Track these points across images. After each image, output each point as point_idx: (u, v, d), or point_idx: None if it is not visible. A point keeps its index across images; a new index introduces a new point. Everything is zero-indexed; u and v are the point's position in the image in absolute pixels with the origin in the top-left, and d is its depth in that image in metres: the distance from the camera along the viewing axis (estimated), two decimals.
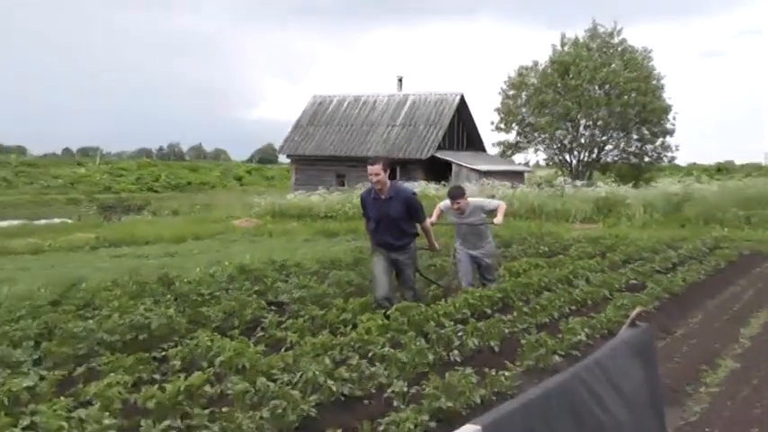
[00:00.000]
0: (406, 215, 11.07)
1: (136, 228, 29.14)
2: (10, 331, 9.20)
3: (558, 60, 58.92)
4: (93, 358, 8.46)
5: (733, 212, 29.69)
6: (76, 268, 15.90)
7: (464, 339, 9.46)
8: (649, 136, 59.44)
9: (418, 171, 49.86)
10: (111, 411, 6.38)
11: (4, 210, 38.74)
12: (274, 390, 7.03)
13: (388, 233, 11.12)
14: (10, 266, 17.91)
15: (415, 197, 11.31)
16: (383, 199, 10.97)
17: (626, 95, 56.39)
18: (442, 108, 54.75)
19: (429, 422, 6.63)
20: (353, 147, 54.01)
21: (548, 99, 57.81)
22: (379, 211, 11.06)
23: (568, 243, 22.43)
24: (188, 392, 6.96)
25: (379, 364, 8.21)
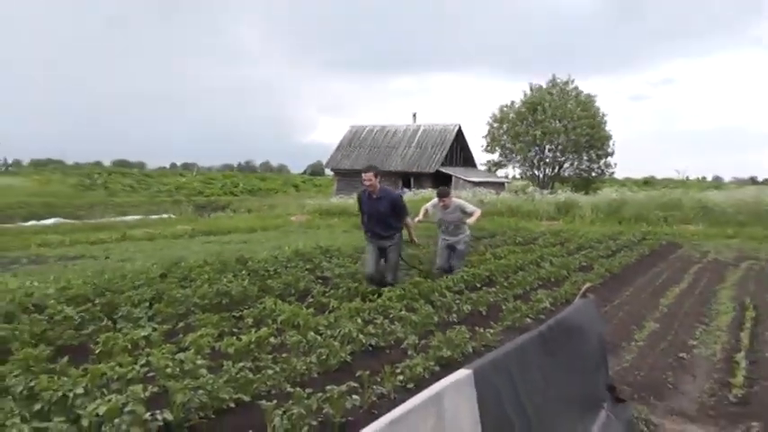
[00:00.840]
0: (392, 212, 10.55)
1: (220, 222, 29.23)
2: (132, 295, 9.24)
3: (528, 101, 58.82)
4: (189, 316, 8.49)
5: (655, 214, 29.57)
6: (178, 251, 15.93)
7: (460, 306, 9.45)
8: (595, 157, 59.28)
9: (427, 181, 49.87)
10: (202, 355, 6.42)
11: (128, 208, 38.80)
12: (320, 341, 7.05)
13: (377, 226, 10.62)
14: (132, 249, 17.97)
15: (401, 198, 10.77)
16: (374, 198, 10.46)
17: (578, 128, 56.29)
18: (445, 135, 54.76)
19: (434, 366, 6.63)
20: (379, 163, 53.85)
21: (521, 130, 57.81)
22: (371, 208, 10.56)
23: (537, 235, 22.31)
24: (257, 342, 6.99)
25: (397, 323, 8.23)
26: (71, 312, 7.98)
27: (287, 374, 6.21)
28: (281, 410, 5.00)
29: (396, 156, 54.36)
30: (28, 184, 53.94)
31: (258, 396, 5.68)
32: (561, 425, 4.95)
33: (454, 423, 3.52)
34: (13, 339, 6.99)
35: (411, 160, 53.42)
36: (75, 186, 54.92)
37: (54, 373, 5.65)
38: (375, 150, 55.78)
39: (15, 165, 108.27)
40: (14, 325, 7.32)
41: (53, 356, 6.33)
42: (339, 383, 5.46)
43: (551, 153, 59.53)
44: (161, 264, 12.49)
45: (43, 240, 19.76)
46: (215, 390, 5.38)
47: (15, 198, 39.69)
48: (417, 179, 51.04)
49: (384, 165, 53.42)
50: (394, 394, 5.93)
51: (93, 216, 32.84)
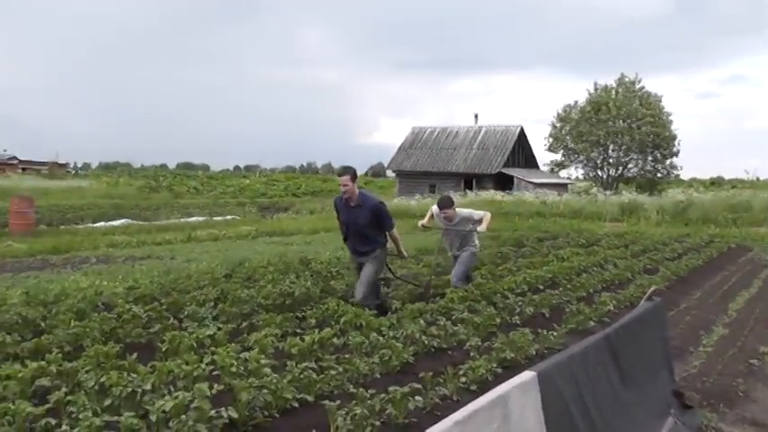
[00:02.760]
0: (373, 223, 8.98)
1: (283, 223, 29.46)
2: (197, 295, 9.40)
3: (592, 101, 58.11)
4: (253, 316, 8.58)
5: (723, 216, 29.02)
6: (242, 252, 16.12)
7: (523, 307, 9.39)
8: (660, 157, 58.23)
9: (489, 183, 49.69)
10: (266, 354, 6.48)
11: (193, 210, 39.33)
12: (383, 342, 7.08)
13: (355, 239, 9.16)
14: (197, 249, 18.22)
15: (383, 206, 9.09)
16: (352, 206, 8.96)
17: (643, 127, 55.41)
18: (507, 136, 54.56)
19: (496, 368, 6.59)
20: (441, 164, 54.11)
21: (585, 130, 57.06)
22: (348, 218, 9.09)
23: (600, 237, 22.04)
24: (320, 343, 7.03)
25: (460, 325, 8.21)
26: (139, 311, 8.15)
27: (350, 375, 6.25)
28: (344, 411, 5.02)
29: (457, 157, 54.29)
30: (97, 187, 55.16)
31: (321, 396, 5.72)
32: (627, 429, 4.88)
33: (519, 425, 3.50)
34: (84, 336, 7.18)
35: (473, 162, 53.31)
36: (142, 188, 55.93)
37: (123, 370, 5.78)
38: (436, 152, 55.78)
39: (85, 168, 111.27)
40: (86, 322, 7.50)
41: (122, 353, 6.46)
42: (402, 384, 5.46)
43: (615, 153, 58.71)
44: (225, 264, 12.65)
45: (111, 241, 20.17)
46: (279, 389, 5.43)
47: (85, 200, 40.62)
48: (479, 180, 50.87)
49: (446, 166, 53.50)
50: (457, 396, 5.91)
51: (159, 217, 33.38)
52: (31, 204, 24.10)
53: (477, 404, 3.26)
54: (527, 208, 34.11)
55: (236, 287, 10.05)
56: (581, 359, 4.43)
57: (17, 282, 11.47)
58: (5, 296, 8.78)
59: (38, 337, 7.13)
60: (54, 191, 45.56)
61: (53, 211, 31.24)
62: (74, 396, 5.09)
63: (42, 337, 7.03)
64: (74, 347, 6.99)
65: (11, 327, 7.42)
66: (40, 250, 17.62)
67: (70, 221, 29.11)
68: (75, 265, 14.58)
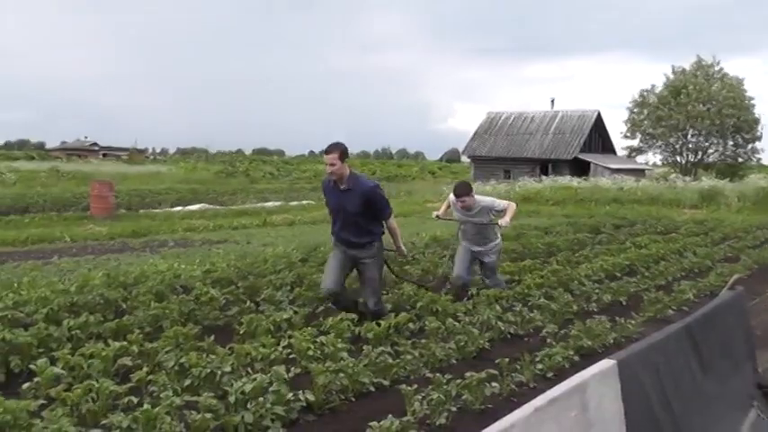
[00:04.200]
0: (365, 210, 7.52)
1: None
2: (273, 279, 9.52)
3: (671, 85, 56.74)
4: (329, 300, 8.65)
5: None
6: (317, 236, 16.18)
7: (600, 295, 9.30)
8: (742, 142, 56.55)
9: (565, 168, 48.93)
10: (342, 339, 6.54)
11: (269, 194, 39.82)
12: (459, 327, 7.09)
13: (345, 228, 7.67)
14: (273, 234, 18.44)
15: (377, 191, 7.63)
16: (341, 190, 7.52)
17: (724, 110, 53.87)
18: (583, 121, 53.64)
19: (573, 356, 6.54)
20: (516, 150, 53.51)
21: (663, 114, 55.76)
22: (337, 203, 7.69)
23: (679, 224, 21.49)
24: (396, 327, 7.09)
25: (536, 311, 8.17)
26: (216, 294, 8.30)
27: (426, 360, 6.28)
28: (420, 395, 5.04)
29: (533, 142, 53.66)
30: (175, 172, 56.22)
31: (397, 381, 5.76)
32: (709, 422, 4.78)
33: (598, 414, 3.46)
34: (163, 318, 7.35)
35: (548, 147, 52.63)
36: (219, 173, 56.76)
37: (202, 351, 5.93)
38: (512, 137, 55.22)
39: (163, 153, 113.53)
40: (165, 304, 7.68)
41: (200, 335, 6.61)
42: (478, 370, 5.46)
43: (695, 138, 57.20)
44: (301, 249, 12.75)
45: (189, 225, 20.56)
46: (355, 373, 5.49)
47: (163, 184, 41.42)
48: (555, 166, 50.23)
49: (521, 151, 52.95)
50: (533, 383, 5.88)
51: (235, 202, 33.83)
52: (111, 189, 24.70)
53: (555, 391, 3.24)
54: (603, 194, 33.54)
55: (311, 271, 10.14)
56: (661, 348, 4.35)
57: (98, 264, 11.78)
58: (88, 278, 9.01)
59: (119, 317, 7.34)
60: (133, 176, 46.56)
61: (132, 195, 31.92)
62: (154, 375, 5.24)
63: (124, 318, 7.25)
64: (153, 328, 7.18)
65: (93, 307, 7.64)
66: (119, 233, 18.11)
67: (149, 206, 29.77)
68: (153, 249, 14.92)
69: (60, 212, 24.83)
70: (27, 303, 7.51)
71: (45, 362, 5.24)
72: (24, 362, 5.82)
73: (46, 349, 6.11)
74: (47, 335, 6.32)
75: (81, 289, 8.29)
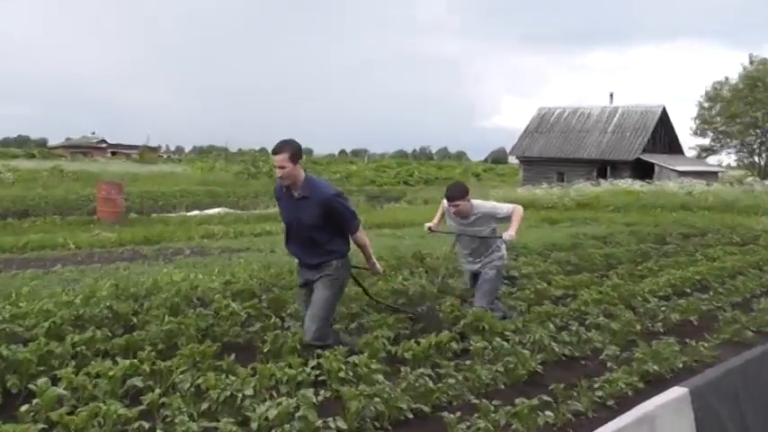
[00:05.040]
0: (324, 223, 6.77)
1: (395, 214, 29.61)
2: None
3: (748, 77, 56.12)
4: (362, 316, 8.65)
5: None
6: None
7: (667, 313, 9.19)
8: None
9: (625, 171, 48.57)
10: (377, 359, 6.52)
11: None
12: (508, 348, 7.04)
13: (299, 245, 7.02)
14: None
15: (339, 199, 6.85)
16: (295, 198, 6.83)
17: None
18: (647, 118, 53.20)
19: (638, 383, 6.47)
20: (571, 149, 53.27)
21: (738, 110, 55.18)
22: (290, 213, 6.97)
23: (758, 233, 21.19)
24: (437, 347, 7.05)
25: (595, 331, 8.12)
26: (237, 308, 8.29)
27: (471, 384, 6.25)
28: (464, 424, 5.02)
29: (590, 141, 53.36)
30: (191, 172, 56.69)
31: (439, 407, 5.73)
32: None
33: None
34: (178, 333, 7.37)
35: (607, 147, 52.29)
36: (239, 174, 57.02)
37: (221, 371, 5.94)
38: (566, 135, 54.95)
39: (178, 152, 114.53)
40: (180, 319, 7.70)
41: (219, 353, 6.61)
42: (529, 397, 5.43)
43: None
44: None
45: (206, 231, 20.67)
46: (392, 398, 5.47)
47: (178, 186, 41.68)
48: (614, 168, 49.87)
49: (576, 151, 52.67)
50: (592, 412, 5.82)
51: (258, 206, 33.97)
52: (120, 191, 24.91)
53: (619, 422, 3.21)
54: (670, 199, 33.24)
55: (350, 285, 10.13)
56: (740, 374, 4.29)
57: (106, 273, 11.86)
58: (94, 288, 9.06)
59: (129, 333, 7.36)
60: (145, 176, 46.98)
61: (144, 198, 32.19)
62: (168, 398, 5.26)
63: (134, 334, 7.26)
64: (167, 345, 7.19)
65: (100, 321, 7.67)
66: (129, 240, 18.23)
67: (162, 209, 30.03)
68: (167, 257, 15.00)
69: (64, 216, 25.08)
70: (26, 316, 7.55)
71: (46, 381, 5.28)
72: (23, 381, 5.85)
73: (47, 367, 6.13)
74: (48, 351, 6.33)
75: (87, 301, 8.32)
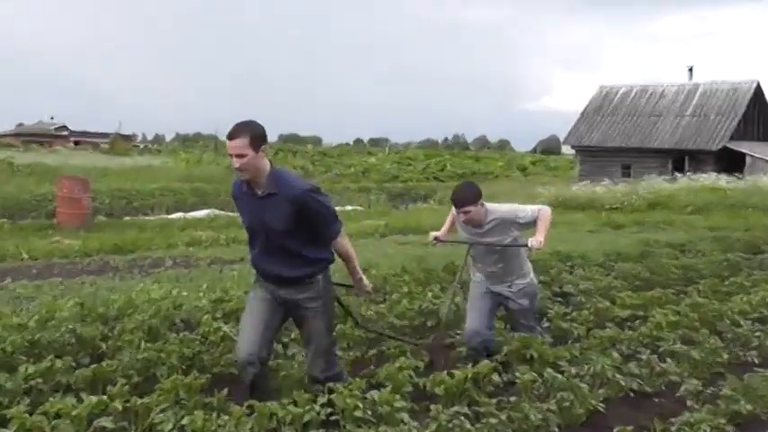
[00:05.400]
0: (297, 227, 6.33)
1: (421, 216, 29.59)
2: None
3: None
4: (383, 341, 8.66)
5: None
6: (366, 254, 16.21)
7: (762, 340, 9.14)
8: None
9: (708, 163, 48.29)
10: (402, 394, 6.52)
11: None
12: (562, 381, 7.02)
13: (268, 256, 6.53)
14: None
15: (316, 196, 6.37)
16: (259, 196, 6.38)
17: None
18: (736, 97, 52.86)
19: (726, 425, 6.41)
20: (640, 137, 53.04)
21: None
22: (253, 216, 6.52)
23: None
24: (475, 380, 7.05)
25: (670, 361, 8.06)
26: (230, 331, 8.32)
27: (516, 426, 6.24)
28: None
29: (663, 127, 53.13)
30: (173, 166, 56.73)
31: None
32: None
33: None
34: (158, 363, 7.40)
35: (685, 133, 52.03)
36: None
37: (210, 410, 5.95)
38: (633, 120, 54.78)
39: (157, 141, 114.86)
40: (160, 345, 7.72)
41: (208, 387, 6.64)
42: None
43: None
44: (344, 271, 12.77)
45: (193, 238, 20.71)
46: None
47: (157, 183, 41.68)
48: (694, 159, 49.57)
49: (646, 140, 52.42)
50: None
51: None
52: (85, 188, 24.96)
53: None
54: (764, 198, 33.04)
55: (359, 302, 10.13)
56: None
57: (68, 289, 11.88)
58: (54, 308, 9.06)
59: (97, 362, 7.36)
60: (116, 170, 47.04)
61: (115, 197, 32.33)
62: None
63: (103, 364, 7.25)
64: (144, 378, 7.24)
65: (62, 348, 7.72)
66: (97, 248, 18.31)
67: (138, 211, 30.23)
68: (144, 269, 15.07)
69: (15, 220, 25.27)
70: None
71: None
72: None
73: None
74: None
75: (44, 324, 8.33)
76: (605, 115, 56.14)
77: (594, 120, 56.29)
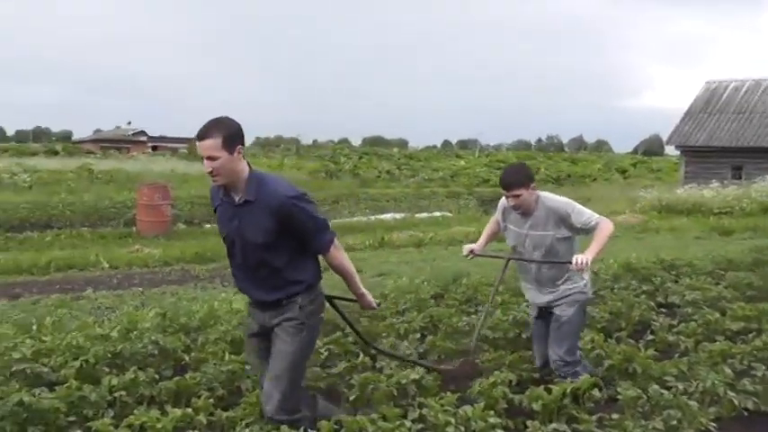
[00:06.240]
0: (277, 239, 5.79)
1: None
2: (396, 323, 9.61)
3: None
4: (474, 354, 8.63)
5: None
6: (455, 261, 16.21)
7: None
8: None
9: None
10: (496, 410, 6.49)
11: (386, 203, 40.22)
12: (668, 398, 6.91)
13: (246, 273, 6.04)
14: (393, 259, 18.56)
15: (301, 203, 5.78)
16: (236, 204, 5.86)
17: None
18: None
19: None
20: (753, 136, 51.64)
21: None
22: (230, 226, 5.94)
23: None
24: (574, 396, 6.97)
25: None
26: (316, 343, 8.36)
27: None
28: None
29: None
30: None
31: None
32: None
33: None
34: (243, 376, 7.47)
35: None
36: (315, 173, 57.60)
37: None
38: (745, 117, 53.51)
39: None
40: (244, 356, 7.73)
41: None
42: None
43: None
44: (435, 280, 12.78)
45: None
46: None
47: None
48: None
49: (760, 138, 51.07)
50: None
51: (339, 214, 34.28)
52: (165, 195, 25.30)
53: None
54: None
55: (449, 313, 10.15)
56: None
57: (149, 300, 12.07)
58: (135, 319, 9.25)
59: (180, 374, 7.50)
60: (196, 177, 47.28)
61: (195, 204, 32.49)
62: None
63: (186, 376, 7.36)
64: (229, 390, 7.31)
65: (144, 360, 7.86)
66: (178, 257, 18.58)
67: None
68: (225, 278, 15.17)
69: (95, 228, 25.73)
70: (52, 353, 7.77)
71: None
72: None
73: (79, 417, 6.30)
74: (80, 397, 6.48)
75: (126, 334, 8.51)
76: (713, 112, 54.96)
77: (701, 118, 55.10)
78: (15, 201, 30.67)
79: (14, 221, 26.16)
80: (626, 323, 10.38)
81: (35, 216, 27.47)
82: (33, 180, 40.76)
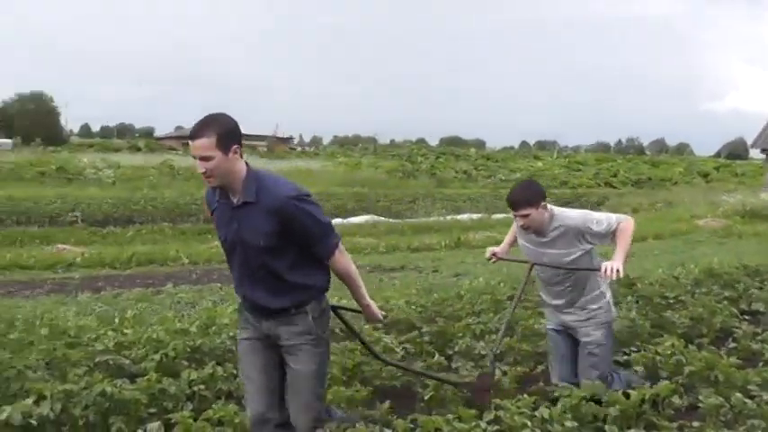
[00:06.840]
0: (279, 242, 5.47)
1: None
2: (472, 324, 9.55)
3: None
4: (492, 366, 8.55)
5: None
6: None
7: None
8: None
9: None
10: (574, 415, 6.44)
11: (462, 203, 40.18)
12: (752, 408, 6.80)
13: (248, 278, 5.68)
14: (470, 260, 18.55)
15: (303, 204, 5.45)
16: (235, 205, 5.51)
17: None
18: None
19: None
20: None
21: None
22: (228, 229, 5.61)
23: None
24: (653, 402, 6.90)
25: None
26: (391, 342, 8.39)
27: None
28: None
29: None
30: (331, 169, 57.52)
31: None
32: None
33: None
34: None
35: None
36: (393, 172, 57.67)
37: (373, 422, 6.00)
38: None
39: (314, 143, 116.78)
40: None
41: (371, 399, 6.71)
42: None
43: None
44: (512, 281, 12.72)
45: (352, 244, 20.97)
46: None
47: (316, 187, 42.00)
48: None
49: None
50: None
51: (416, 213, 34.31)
52: None
53: None
54: None
55: (526, 314, 10.07)
56: None
57: (227, 295, 12.15)
58: (214, 314, 9.31)
59: None
60: None
61: None
62: None
63: None
64: None
65: (222, 355, 7.91)
66: None
67: None
68: None
69: (175, 224, 26.05)
70: (133, 346, 7.87)
71: (158, 426, 5.44)
72: (130, 425, 6.10)
73: (159, 409, 6.39)
74: (160, 390, 6.57)
75: (205, 329, 8.57)
76: None
77: None
78: (100, 196, 31.49)
79: (98, 216, 26.64)
80: (707, 329, 10.24)
81: (118, 211, 28.00)
82: (117, 176, 41.67)
